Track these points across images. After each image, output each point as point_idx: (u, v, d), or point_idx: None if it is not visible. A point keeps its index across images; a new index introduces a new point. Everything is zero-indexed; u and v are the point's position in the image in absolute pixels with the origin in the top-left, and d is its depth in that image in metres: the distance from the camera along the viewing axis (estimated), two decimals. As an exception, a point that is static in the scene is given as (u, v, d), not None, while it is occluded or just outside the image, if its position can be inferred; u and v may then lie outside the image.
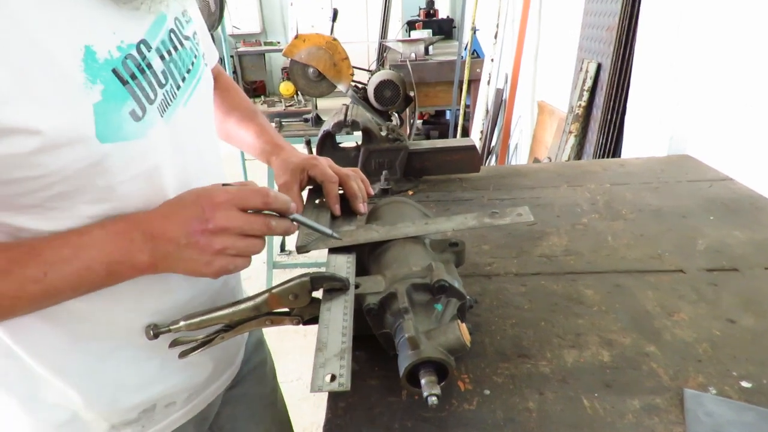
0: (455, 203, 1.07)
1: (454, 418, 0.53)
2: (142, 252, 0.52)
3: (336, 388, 0.43)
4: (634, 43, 1.46)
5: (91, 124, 0.48)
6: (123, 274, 0.53)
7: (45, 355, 0.59)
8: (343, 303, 0.54)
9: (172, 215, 0.53)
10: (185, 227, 0.52)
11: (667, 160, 1.25)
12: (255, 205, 0.55)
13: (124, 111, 0.51)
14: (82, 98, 0.47)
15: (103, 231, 0.52)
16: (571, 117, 1.83)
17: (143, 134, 0.53)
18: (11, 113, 0.43)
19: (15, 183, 0.48)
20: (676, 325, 0.66)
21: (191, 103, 0.62)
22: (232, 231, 0.54)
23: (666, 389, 0.56)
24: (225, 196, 0.54)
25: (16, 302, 0.49)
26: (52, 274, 0.49)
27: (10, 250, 0.49)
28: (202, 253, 0.53)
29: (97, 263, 0.51)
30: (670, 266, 0.79)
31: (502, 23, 3.32)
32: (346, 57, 2.32)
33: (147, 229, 0.53)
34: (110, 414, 0.63)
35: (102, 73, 0.49)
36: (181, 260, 0.53)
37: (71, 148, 0.47)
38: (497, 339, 0.65)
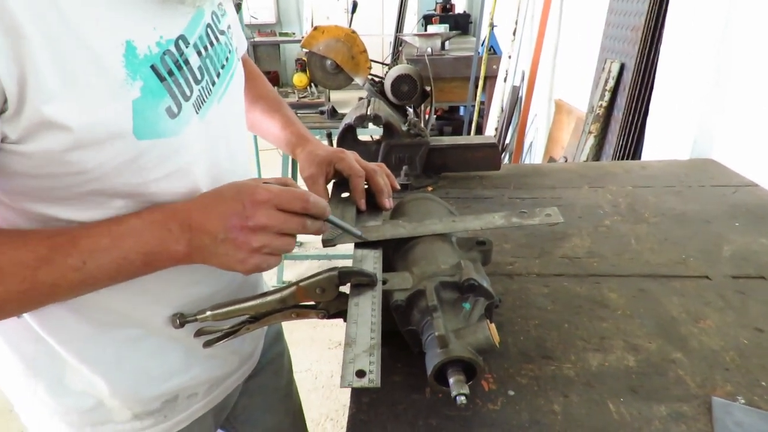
0: (475, 201, 1.07)
1: (478, 418, 0.53)
2: (178, 243, 0.52)
3: (366, 384, 0.43)
4: (659, 43, 1.44)
5: (129, 121, 0.48)
6: (159, 263, 0.53)
7: (72, 343, 0.60)
8: (371, 298, 0.54)
9: (212, 208, 0.53)
10: (225, 222, 0.52)
11: (690, 164, 1.24)
12: (294, 209, 0.55)
13: (161, 108, 0.51)
14: (123, 94, 0.47)
15: (140, 221, 0.52)
16: (591, 117, 1.81)
17: (179, 131, 0.53)
18: (56, 109, 0.43)
19: (52, 177, 0.48)
20: (703, 333, 0.65)
21: (225, 99, 0.62)
22: (270, 230, 0.53)
23: (693, 397, 0.55)
24: (267, 194, 0.53)
25: (56, 290, 0.49)
26: (90, 262, 0.49)
27: (51, 238, 0.50)
28: (238, 250, 0.52)
29: (134, 253, 0.51)
30: (695, 272, 0.78)
31: (521, 20, 3.28)
32: (364, 50, 2.30)
33: (185, 220, 0.52)
34: (134, 403, 0.64)
35: (142, 69, 0.49)
36: (216, 254, 0.53)
37: (110, 144, 0.47)
38: (520, 339, 0.64)
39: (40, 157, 0.46)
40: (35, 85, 0.42)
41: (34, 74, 0.42)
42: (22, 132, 0.44)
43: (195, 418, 0.70)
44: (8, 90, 0.41)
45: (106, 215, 0.52)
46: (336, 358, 2.29)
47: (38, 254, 0.48)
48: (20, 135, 0.44)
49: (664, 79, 1.42)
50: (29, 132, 0.44)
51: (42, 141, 0.44)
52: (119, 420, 0.64)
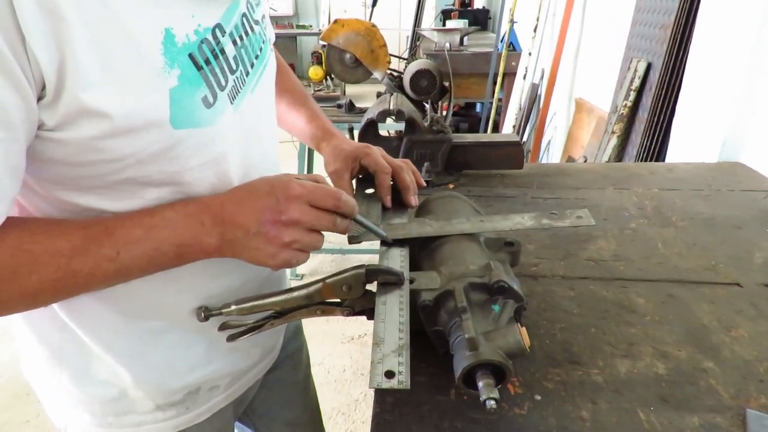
0: (497, 200, 1.05)
1: (505, 422, 0.52)
2: (211, 236, 0.52)
3: (395, 385, 0.43)
4: (689, 42, 1.41)
5: (166, 110, 0.48)
6: (191, 255, 0.53)
7: (98, 333, 0.60)
8: (398, 297, 0.53)
9: (246, 202, 0.53)
10: (258, 216, 0.52)
11: (717, 167, 1.21)
12: (326, 206, 0.54)
13: (197, 97, 0.50)
14: (160, 83, 0.47)
15: (174, 213, 0.52)
16: (615, 117, 1.78)
17: (214, 121, 0.53)
18: (95, 96, 0.43)
19: (87, 165, 0.48)
20: (735, 342, 0.63)
21: (258, 90, 0.62)
22: (302, 225, 0.53)
23: (727, 408, 0.53)
24: (300, 190, 0.53)
25: (91, 279, 0.49)
26: (124, 253, 0.49)
27: (85, 228, 0.49)
28: (269, 244, 0.52)
29: (167, 244, 0.51)
30: (726, 279, 0.76)
31: (543, 17, 3.24)
32: (383, 44, 2.29)
33: (218, 213, 0.52)
34: (157, 394, 0.64)
35: (180, 58, 0.48)
36: (247, 248, 0.53)
37: (146, 132, 0.47)
38: (546, 343, 0.63)
39: (76, 145, 0.45)
40: (74, 72, 0.41)
41: (73, 60, 0.41)
42: (60, 119, 0.43)
43: (216, 410, 0.70)
44: (47, 76, 0.41)
45: (139, 205, 0.52)
46: (348, 353, 2.29)
47: (73, 244, 0.48)
48: (57, 122, 0.44)
49: (692, 78, 1.39)
50: (67, 119, 0.43)
51: (80, 128, 0.44)
52: (141, 411, 0.64)
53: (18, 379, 2.15)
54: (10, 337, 2.44)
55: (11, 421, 1.96)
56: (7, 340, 2.39)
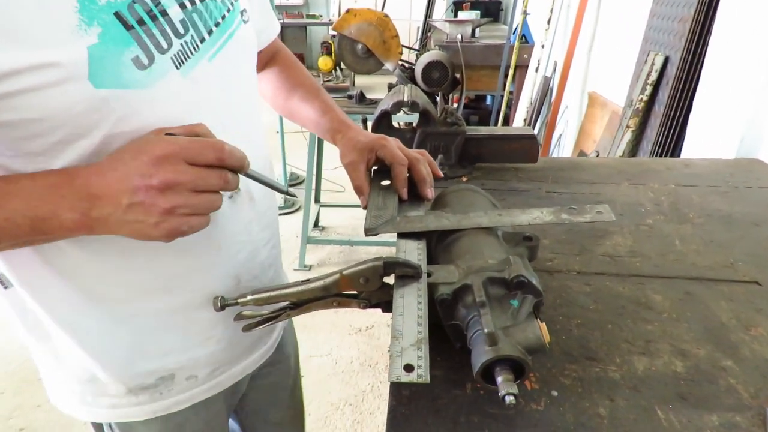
0: (511, 193, 1.04)
1: (522, 418, 0.52)
2: (73, 210, 0.47)
3: (415, 379, 0.42)
4: (708, 36, 1.38)
5: (83, 66, 0.46)
6: (50, 232, 0.49)
7: (62, 314, 0.60)
8: (416, 291, 0.53)
9: (111, 171, 0.48)
10: (126, 184, 0.47)
11: (735, 163, 1.19)
12: (208, 161, 0.49)
13: (125, 57, 0.49)
14: (75, 40, 0.46)
15: (32, 183, 0.48)
16: (630, 111, 1.76)
17: (150, 84, 0.51)
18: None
19: (16, 126, 0.47)
20: (755, 341, 0.62)
21: (218, 60, 0.59)
22: (182, 187, 0.48)
23: (747, 407, 0.53)
24: (171, 147, 0.48)
25: None
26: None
27: None
28: (148, 214, 0.47)
29: (20, 216, 0.47)
30: (744, 277, 0.75)
31: (557, 8, 3.20)
32: (396, 35, 2.27)
33: (82, 187, 0.48)
34: (126, 377, 0.64)
35: (101, 16, 0.47)
36: (124, 222, 0.48)
37: (63, 88, 0.46)
38: (563, 338, 0.63)
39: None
40: None
41: None
42: None
43: (197, 400, 0.70)
44: None
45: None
46: (356, 344, 2.30)
47: None
48: None
49: (711, 73, 1.37)
50: None
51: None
52: (113, 393, 0.65)
53: (29, 364, 2.18)
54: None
55: (22, 405, 1.99)
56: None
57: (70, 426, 1.89)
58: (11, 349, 2.26)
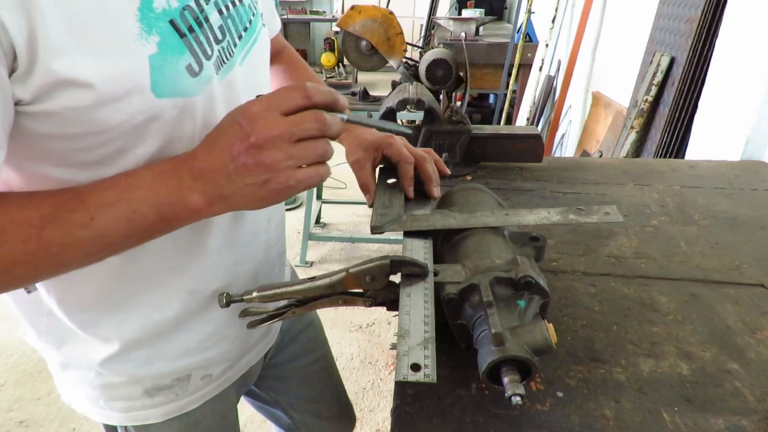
0: (515, 193, 1.04)
1: (527, 418, 0.52)
2: (192, 190, 0.48)
3: (422, 379, 0.42)
4: (715, 37, 1.38)
5: (146, 76, 0.46)
6: (177, 217, 0.49)
7: (85, 318, 0.60)
8: (422, 290, 0.52)
9: (215, 144, 0.48)
10: (229, 152, 0.47)
11: (741, 165, 1.19)
12: (297, 104, 0.48)
13: (180, 65, 0.49)
14: (137, 49, 0.45)
15: (149, 171, 0.49)
16: (634, 111, 1.75)
17: (200, 91, 0.51)
18: (67, 65, 0.41)
19: (75, 138, 0.47)
20: (761, 344, 0.62)
21: (247, 63, 0.60)
22: (279, 139, 0.47)
23: (753, 411, 0.53)
24: (260, 103, 0.48)
25: (66, 249, 0.46)
26: (99, 218, 0.46)
27: (55, 195, 0.47)
28: (254, 174, 0.47)
29: (146, 205, 0.47)
30: (750, 279, 0.75)
31: (562, 7, 3.19)
32: (400, 32, 2.26)
33: (193, 165, 0.48)
34: (144, 377, 0.64)
35: (159, 24, 0.47)
36: (237, 192, 0.48)
37: (128, 101, 0.46)
38: (568, 339, 0.63)
39: (61, 116, 0.44)
40: (45, 40, 0.40)
41: (43, 28, 0.40)
42: (36, 91, 0.42)
43: (209, 397, 0.71)
44: (18, 45, 0.39)
45: None
46: (356, 341, 2.30)
47: (42, 212, 0.45)
48: (34, 95, 0.42)
49: (717, 74, 1.36)
50: (43, 91, 0.42)
51: (60, 99, 0.43)
52: (129, 396, 0.65)
53: (30, 356, 2.18)
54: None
55: (22, 398, 1.99)
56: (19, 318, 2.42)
57: (69, 419, 1.89)
58: (12, 342, 2.26)
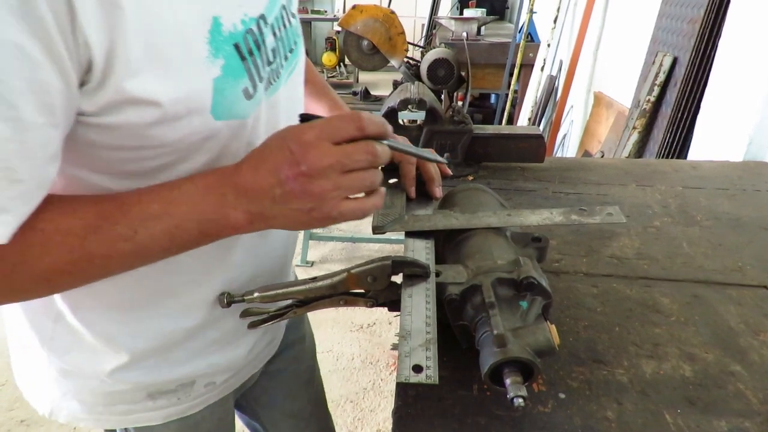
0: (517, 193, 1.04)
1: (529, 420, 0.51)
2: (235, 208, 0.48)
3: (424, 380, 0.42)
4: (718, 37, 1.37)
5: (208, 99, 0.46)
6: (218, 232, 0.49)
7: (95, 323, 0.59)
8: (424, 290, 0.52)
9: (261, 165, 0.47)
10: (276, 175, 0.46)
11: (743, 166, 1.18)
12: (350, 134, 0.47)
13: (239, 88, 0.49)
14: (204, 72, 0.46)
15: (192, 185, 0.48)
16: (636, 112, 1.75)
17: (252, 113, 0.52)
18: (139, 85, 0.42)
19: (128, 150, 0.47)
20: (764, 346, 0.62)
21: (289, 83, 0.61)
22: (332, 169, 0.46)
23: (756, 413, 0.52)
24: (313, 131, 0.47)
25: (108, 262, 0.46)
26: (142, 231, 0.46)
27: (98, 204, 0.46)
28: (300, 201, 0.46)
29: (188, 221, 0.47)
30: (753, 281, 0.75)
31: (564, 7, 3.18)
32: (402, 32, 2.26)
33: (238, 183, 0.48)
34: (150, 383, 0.63)
35: (225, 47, 0.47)
36: (279, 214, 0.48)
37: (188, 122, 0.46)
38: (570, 341, 0.62)
39: (120, 130, 0.44)
40: (123, 58, 0.40)
41: (123, 47, 0.40)
42: (103, 105, 0.42)
43: (210, 402, 0.70)
44: (96, 61, 0.39)
45: None
46: (357, 341, 2.30)
47: (86, 222, 0.45)
48: (100, 108, 0.42)
49: (720, 75, 1.36)
50: (111, 106, 0.42)
51: (126, 115, 0.43)
52: (132, 400, 0.64)
53: None
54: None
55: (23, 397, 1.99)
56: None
57: (71, 418, 1.89)
58: (13, 340, 2.26)
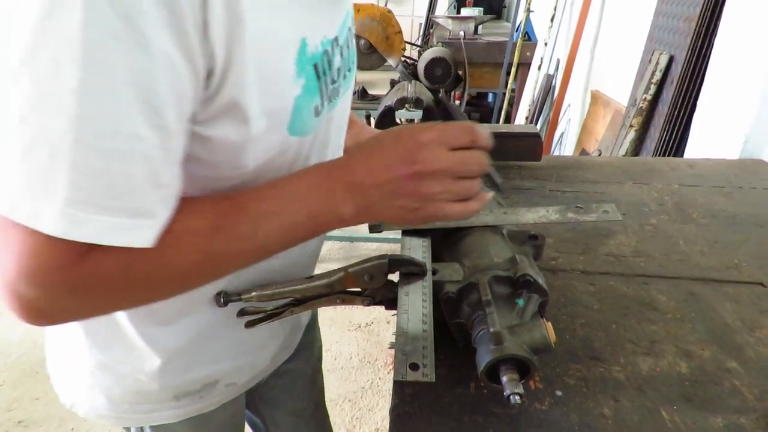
0: (514, 192, 1.04)
1: (525, 417, 0.51)
2: (345, 202, 0.48)
3: (420, 378, 0.42)
4: (714, 35, 1.38)
5: (288, 117, 0.47)
6: (328, 225, 0.50)
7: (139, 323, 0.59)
8: (421, 289, 0.52)
9: (374, 160, 0.48)
10: (389, 172, 0.47)
11: (739, 164, 1.19)
12: (464, 143, 0.48)
13: (312, 106, 0.50)
14: (289, 90, 0.46)
15: (302, 182, 0.49)
16: (633, 110, 1.75)
17: (316, 129, 0.53)
18: (242, 98, 0.42)
19: (213, 166, 0.47)
20: (760, 342, 0.62)
21: (343, 100, 0.61)
22: (443, 174, 0.47)
23: (752, 409, 0.53)
24: (431, 134, 0.47)
25: (229, 260, 0.47)
26: (261, 230, 0.46)
27: (215, 204, 0.47)
28: (409, 200, 0.47)
29: (301, 216, 0.48)
30: (749, 278, 0.75)
31: (561, 6, 3.19)
32: (399, 31, 2.26)
33: (348, 178, 0.48)
34: (179, 384, 0.63)
35: (306, 67, 0.48)
36: (384, 208, 0.48)
37: (267, 135, 0.47)
38: (566, 338, 0.63)
39: (212, 142, 0.45)
40: (236, 72, 0.41)
41: (239, 61, 0.41)
42: (209, 115, 0.43)
43: (226, 400, 0.70)
44: (216, 72, 0.40)
45: None
46: (355, 340, 2.30)
47: (209, 222, 0.45)
48: (207, 117, 0.43)
49: (716, 73, 1.36)
50: (213, 118, 0.43)
51: (223, 128, 0.44)
52: (158, 400, 0.64)
53: (28, 356, 2.18)
54: (21, 314, 2.47)
55: (21, 398, 1.99)
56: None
57: (68, 419, 1.89)
58: (11, 341, 2.26)
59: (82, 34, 0.33)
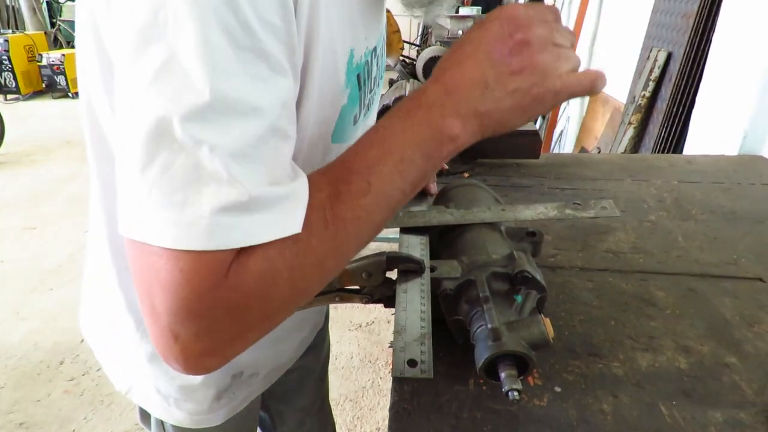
0: (513, 189, 1.04)
1: (524, 414, 0.51)
2: (446, 118, 0.41)
3: (419, 374, 0.42)
4: (712, 32, 1.38)
5: (332, 125, 0.48)
6: (439, 150, 0.42)
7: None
8: (419, 286, 0.52)
9: (465, 56, 0.41)
10: (488, 58, 0.40)
11: (738, 160, 1.19)
12: (550, 19, 0.43)
13: (352, 115, 0.51)
14: (337, 100, 0.47)
15: (395, 117, 0.43)
16: (632, 107, 1.75)
17: (353, 137, 0.53)
18: (308, 107, 0.43)
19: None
20: (758, 338, 0.62)
21: (372, 107, 0.62)
22: (544, 39, 0.40)
23: (751, 404, 0.53)
24: (516, 9, 0.41)
25: (358, 224, 0.41)
26: (374, 179, 0.41)
27: (324, 173, 0.42)
28: (520, 78, 0.40)
29: (409, 149, 0.41)
30: (748, 273, 0.75)
31: (559, 4, 3.19)
32: (397, 30, 2.26)
33: (441, 90, 0.42)
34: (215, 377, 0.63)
35: (352, 78, 0.48)
36: (494, 103, 0.41)
37: (314, 146, 0.47)
38: (565, 335, 0.63)
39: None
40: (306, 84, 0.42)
41: (310, 74, 0.41)
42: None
43: (252, 398, 0.71)
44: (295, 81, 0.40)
45: None
46: (356, 340, 2.30)
47: (326, 192, 0.41)
48: None
49: (714, 69, 1.36)
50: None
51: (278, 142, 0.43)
52: (200, 399, 0.64)
53: (29, 358, 2.18)
54: (21, 317, 2.46)
55: (22, 400, 1.99)
56: (19, 320, 2.42)
57: (69, 420, 1.89)
58: (12, 343, 2.26)
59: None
